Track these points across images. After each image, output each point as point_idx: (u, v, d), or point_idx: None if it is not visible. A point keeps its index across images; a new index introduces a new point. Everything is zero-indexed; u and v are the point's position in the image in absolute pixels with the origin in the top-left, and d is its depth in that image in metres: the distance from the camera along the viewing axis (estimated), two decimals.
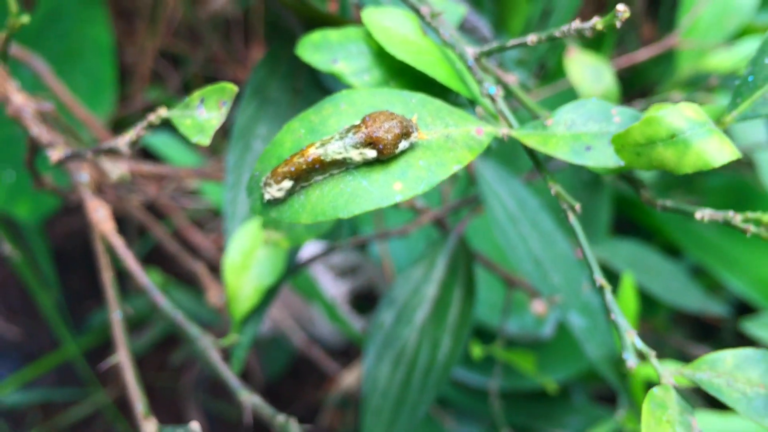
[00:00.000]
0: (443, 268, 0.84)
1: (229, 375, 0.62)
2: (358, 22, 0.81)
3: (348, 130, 0.40)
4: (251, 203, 0.42)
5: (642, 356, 0.40)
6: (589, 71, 0.81)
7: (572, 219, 0.43)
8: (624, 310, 0.80)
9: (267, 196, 0.40)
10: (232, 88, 0.42)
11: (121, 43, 1.63)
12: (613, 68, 0.91)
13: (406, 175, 0.39)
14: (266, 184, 0.40)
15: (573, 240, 1.00)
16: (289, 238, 0.59)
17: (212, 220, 1.56)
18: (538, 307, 1.22)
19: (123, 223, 1.43)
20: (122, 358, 0.60)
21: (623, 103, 1.04)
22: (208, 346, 0.64)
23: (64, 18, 1.29)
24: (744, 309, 1.37)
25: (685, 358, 1.21)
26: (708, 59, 1.23)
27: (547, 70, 1.10)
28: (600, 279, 0.41)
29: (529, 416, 1.29)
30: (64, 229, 1.75)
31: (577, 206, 0.42)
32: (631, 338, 0.40)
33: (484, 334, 1.23)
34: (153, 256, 1.58)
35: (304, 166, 0.39)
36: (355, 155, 0.39)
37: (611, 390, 1.36)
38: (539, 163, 0.45)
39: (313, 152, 0.39)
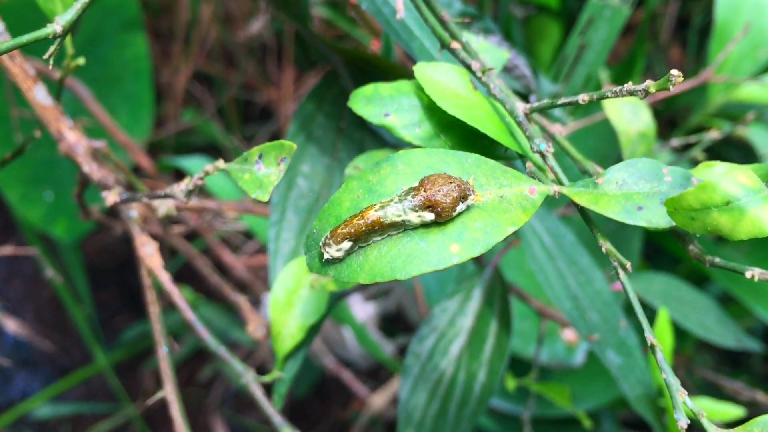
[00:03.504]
0: (479, 300, 0.85)
1: (272, 411, 0.63)
2: (400, 60, 0.82)
3: (407, 193, 0.41)
4: (309, 260, 0.43)
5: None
6: (626, 109, 0.81)
7: (623, 277, 0.43)
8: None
9: (326, 256, 0.41)
10: (291, 146, 0.43)
11: (156, 64, 1.65)
12: (647, 102, 0.91)
13: (462, 237, 0.40)
14: (325, 244, 0.41)
15: (607, 273, 1.00)
16: (336, 282, 0.60)
17: (243, 240, 1.58)
18: (568, 335, 1.22)
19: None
20: (169, 393, 0.61)
21: (657, 134, 1.04)
22: (250, 381, 0.65)
23: (104, 42, 1.31)
24: None
25: (715, 387, 1.21)
26: (740, 90, 1.23)
27: (580, 104, 1.10)
28: (652, 338, 0.42)
29: None
30: (97, 245, 1.77)
31: (629, 265, 0.43)
32: (682, 398, 0.40)
33: (514, 361, 1.23)
34: (183, 270, 1.60)
35: (363, 228, 0.40)
36: (414, 218, 0.40)
37: (639, 416, 1.36)
38: (590, 220, 0.45)
39: (373, 214, 0.40)
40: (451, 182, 0.40)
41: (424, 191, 0.40)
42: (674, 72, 0.40)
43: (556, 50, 1.50)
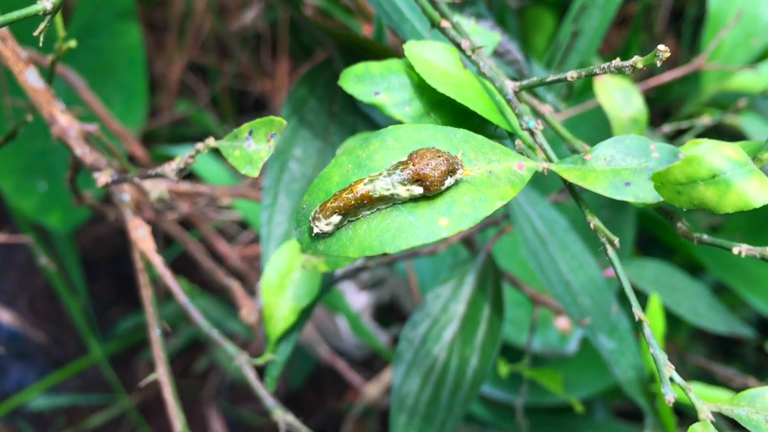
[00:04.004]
0: (472, 286, 0.85)
1: (264, 393, 0.64)
2: (392, 45, 0.82)
3: (395, 167, 0.41)
4: (298, 236, 0.43)
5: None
6: (618, 95, 0.82)
7: (611, 253, 0.43)
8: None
9: (316, 230, 0.41)
10: (281, 122, 0.43)
11: (150, 55, 1.65)
12: (639, 89, 0.92)
13: (451, 210, 0.40)
14: (315, 219, 0.41)
15: (600, 260, 1.00)
16: (328, 262, 0.60)
17: (239, 230, 1.58)
18: (562, 323, 1.23)
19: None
20: (161, 376, 0.61)
21: (650, 123, 1.05)
22: (243, 363, 0.65)
23: (97, 32, 1.31)
24: (766, 324, 1.36)
25: (708, 375, 1.21)
26: (733, 79, 1.23)
27: (574, 89, 1.10)
28: (639, 313, 0.42)
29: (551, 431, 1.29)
30: (92, 236, 1.77)
31: (616, 241, 0.43)
32: (670, 372, 0.41)
33: (508, 350, 1.23)
34: (178, 263, 1.60)
35: (353, 202, 0.40)
36: (403, 191, 0.40)
37: (632, 405, 1.36)
38: (578, 196, 0.45)
39: (362, 188, 0.40)
40: (439, 156, 0.40)
41: (413, 165, 0.40)
42: (661, 47, 0.40)
43: (551, 40, 1.50)
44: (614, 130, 0.82)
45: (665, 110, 1.58)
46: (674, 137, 1.13)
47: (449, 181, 0.40)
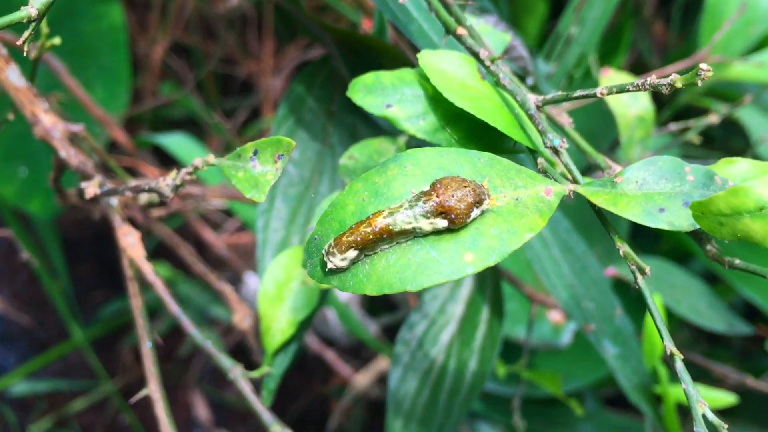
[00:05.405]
0: (470, 287, 0.83)
1: (261, 408, 0.61)
2: (393, 40, 0.79)
3: (417, 198, 0.37)
4: (310, 269, 0.40)
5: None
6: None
7: (641, 281, 0.41)
8: (653, 335, 0.79)
9: (330, 265, 0.38)
10: (289, 143, 0.40)
11: (132, 36, 1.60)
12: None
13: (477, 244, 0.37)
14: (329, 253, 0.38)
15: (596, 251, 0.98)
16: None
17: (224, 218, 1.55)
18: (555, 316, 1.21)
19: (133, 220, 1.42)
20: (153, 391, 0.58)
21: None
22: (238, 377, 0.62)
23: (78, 14, 1.26)
24: (753, 312, 1.35)
25: (694, 365, 1.20)
26: (731, 69, 1.20)
27: (573, 81, 1.07)
28: (671, 346, 0.40)
29: (543, 423, 1.28)
30: (73, 218, 1.73)
31: (647, 268, 0.41)
32: (702, 409, 0.38)
33: (502, 342, 1.22)
34: (161, 247, 1.57)
35: (371, 236, 0.37)
36: (425, 225, 0.37)
37: (621, 393, 1.35)
38: (607, 221, 0.43)
39: (381, 222, 0.37)
40: (465, 186, 0.37)
41: (437, 196, 0.37)
42: (703, 66, 0.37)
43: (543, 26, 1.47)
44: (620, 128, 0.79)
45: (656, 97, 1.56)
46: (678, 132, 1.11)
47: (475, 213, 0.37)
